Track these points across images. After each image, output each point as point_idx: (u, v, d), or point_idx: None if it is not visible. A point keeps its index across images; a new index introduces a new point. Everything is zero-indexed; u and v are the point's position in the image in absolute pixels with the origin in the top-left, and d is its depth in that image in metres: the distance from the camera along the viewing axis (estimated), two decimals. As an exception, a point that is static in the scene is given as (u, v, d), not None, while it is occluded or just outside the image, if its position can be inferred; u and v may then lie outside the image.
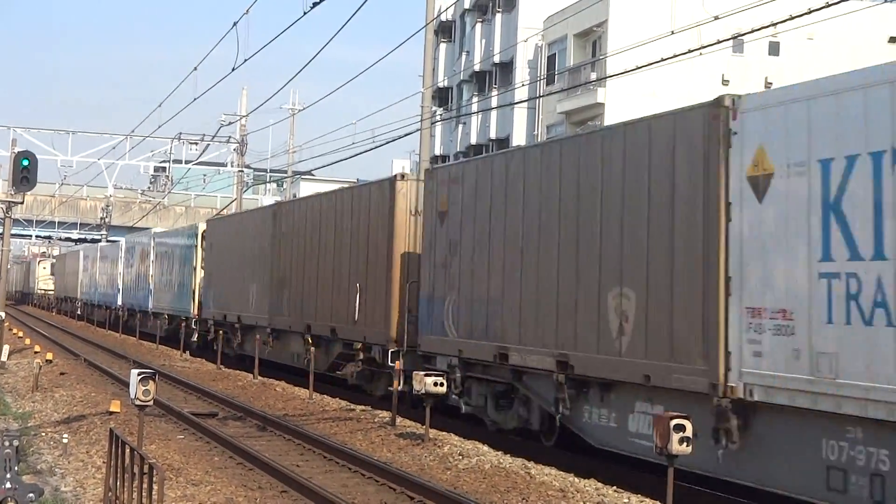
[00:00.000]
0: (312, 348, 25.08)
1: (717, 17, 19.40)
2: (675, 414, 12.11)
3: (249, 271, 31.15)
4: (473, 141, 55.73)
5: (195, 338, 37.43)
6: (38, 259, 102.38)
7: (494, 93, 52.66)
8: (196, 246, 37.94)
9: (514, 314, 16.87)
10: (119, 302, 52.71)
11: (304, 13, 19.16)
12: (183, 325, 38.89)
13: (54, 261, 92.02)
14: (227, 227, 35.42)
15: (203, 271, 37.08)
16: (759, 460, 12.14)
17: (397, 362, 20.07)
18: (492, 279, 17.66)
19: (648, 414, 13.76)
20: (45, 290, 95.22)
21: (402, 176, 22.20)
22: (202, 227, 38.08)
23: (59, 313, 78.93)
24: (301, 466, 15.46)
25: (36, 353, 31.89)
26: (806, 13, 15.97)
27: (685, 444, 11.78)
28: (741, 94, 12.87)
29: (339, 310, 24.15)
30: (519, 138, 50.15)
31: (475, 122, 55.87)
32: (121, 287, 52.59)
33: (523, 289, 16.65)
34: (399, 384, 19.62)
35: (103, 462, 13.80)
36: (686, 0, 39.72)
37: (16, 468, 10.84)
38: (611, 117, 39.84)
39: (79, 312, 67.59)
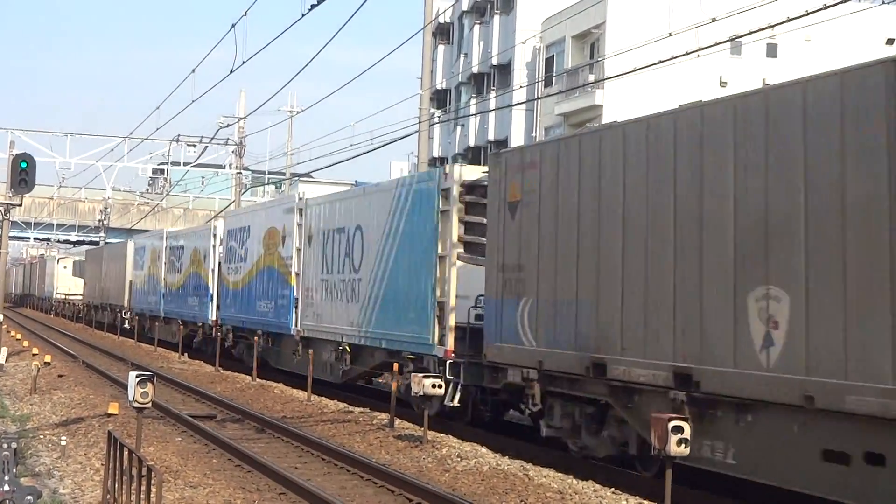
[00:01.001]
0: None
1: (714, 19, 19.41)
2: (674, 416, 12.14)
3: (741, 257, 12.16)
4: (472, 143, 55.77)
5: (455, 398, 18.70)
6: (56, 257, 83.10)
7: (492, 95, 52.67)
8: (445, 214, 19.51)
9: None
10: (212, 316, 35.01)
11: (303, 15, 19.19)
12: (394, 369, 20.03)
13: (80, 258, 75.57)
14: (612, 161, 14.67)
15: (462, 261, 19.18)
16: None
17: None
18: None
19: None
20: (66, 294, 76.13)
21: None
22: (461, 171, 19.53)
23: (88, 325, 61.14)
24: (299, 468, 15.46)
25: (34, 355, 31.86)
26: (803, 15, 15.99)
27: (683, 445, 11.81)
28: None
29: None
30: (517, 140, 50.18)
31: (473, 123, 55.90)
32: (215, 293, 35.04)
33: None
34: None
35: (101, 464, 13.81)
36: (684, 2, 39.74)
37: (14, 470, 10.84)
38: (608, 119, 39.83)
39: (127, 326, 49.42)
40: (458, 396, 18.72)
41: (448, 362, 18.79)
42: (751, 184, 12.03)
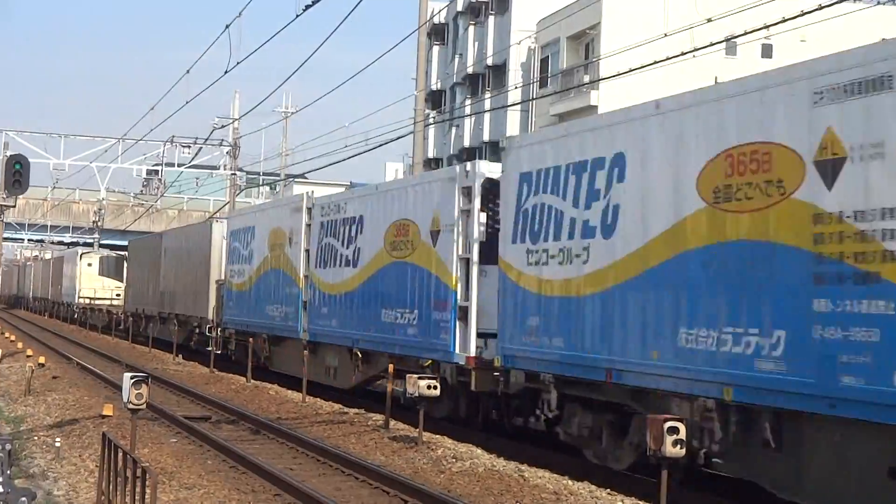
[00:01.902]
0: None
1: (709, 20, 19.42)
2: (670, 416, 12.12)
3: None
4: (467, 144, 55.77)
5: None
6: (79, 252, 65.21)
7: (487, 95, 52.69)
8: None
9: None
10: (466, 349, 18.18)
11: (297, 16, 19.20)
12: None
13: (108, 254, 63.89)
14: None
15: None
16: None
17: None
18: None
19: None
20: (91, 299, 60.63)
21: None
22: None
23: (123, 338, 48.69)
24: (294, 470, 15.43)
25: (28, 356, 31.80)
26: (798, 15, 16.00)
27: (678, 446, 11.80)
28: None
29: None
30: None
31: (468, 124, 55.90)
32: (473, 304, 18.19)
33: None
34: None
35: (96, 466, 13.76)
36: (679, 2, 39.74)
37: (8, 472, 10.80)
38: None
39: (213, 349, 33.02)
40: None
41: None
42: None
